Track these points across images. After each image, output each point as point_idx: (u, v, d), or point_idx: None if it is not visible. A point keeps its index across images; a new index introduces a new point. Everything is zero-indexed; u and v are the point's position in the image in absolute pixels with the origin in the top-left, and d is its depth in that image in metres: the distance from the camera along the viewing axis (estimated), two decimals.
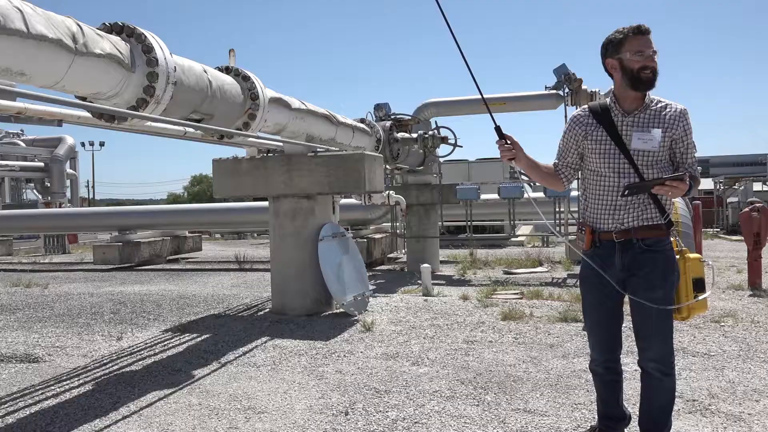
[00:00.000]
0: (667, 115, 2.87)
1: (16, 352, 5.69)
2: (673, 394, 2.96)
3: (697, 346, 5.27)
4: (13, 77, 3.69)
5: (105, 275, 12.78)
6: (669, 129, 2.86)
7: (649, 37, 2.86)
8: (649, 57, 2.83)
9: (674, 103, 2.92)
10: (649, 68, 2.83)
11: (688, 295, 2.88)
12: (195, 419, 3.83)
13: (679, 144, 2.87)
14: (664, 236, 2.89)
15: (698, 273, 2.91)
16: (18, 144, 28.20)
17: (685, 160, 2.89)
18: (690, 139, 2.89)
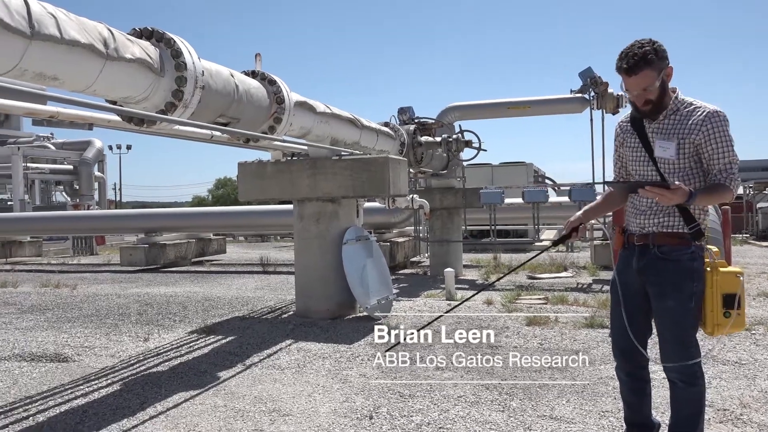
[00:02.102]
0: (692, 120, 2.78)
1: (46, 352, 5.79)
2: (699, 405, 2.89)
3: (728, 355, 5.17)
4: (47, 82, 3.76)
5: (131, 277, 12.95)
6: (691, 134, 2.76)
7: (635, 78, 2.74)
8: (638, 96, 2.79)
9: (704, 107, 2.79)
10: (643, 106, 2.81)
11: (714, 311, 2.78)
12: (220, 421, 3.86)
13: (702, 150, 2.77)
14: (683, 245, 2.81)
15: (730, 289, 2.77)
16: (48, 147, 28.81)
17: (713, 167, 2.76)
18: (716, 144, 2.73)
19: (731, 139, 2.75)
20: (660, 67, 2.75)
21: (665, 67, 2.77)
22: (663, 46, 2.78)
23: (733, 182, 2.74)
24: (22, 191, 24.89)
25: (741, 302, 2.78)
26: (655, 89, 2.76)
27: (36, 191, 30.86)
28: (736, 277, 2.79)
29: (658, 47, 2.75)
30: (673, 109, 2.83)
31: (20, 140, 28.73)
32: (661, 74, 2.76)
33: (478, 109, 13.19)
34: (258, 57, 6.29)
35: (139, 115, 4.51)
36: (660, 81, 2.76)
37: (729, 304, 2.77)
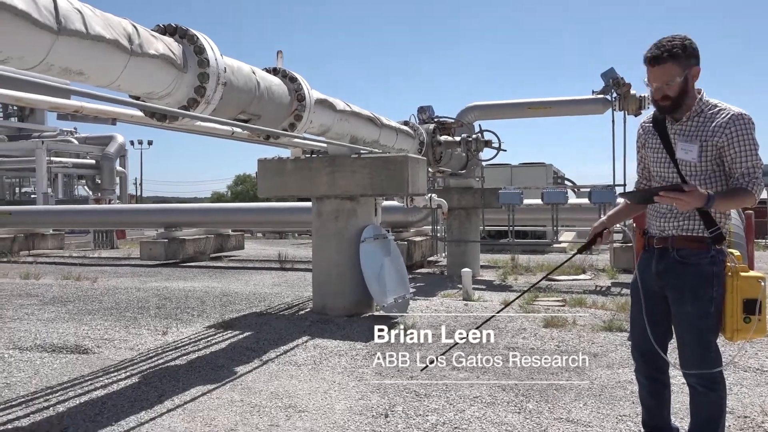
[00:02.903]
0: (715, 123, 2.73)
1: (66, 343, 5.87)
2: (719, 410, 2.86)
3: (749, 361, 5.09)
4: (72, 77, 3.81)
5: (151, 271, 13.09)
6: (713, 137, 2.72)
7: (657, 69, 2.72)
8: (657, 89, 2.76)
9: (729, 109, 2.74)
10: (660, 100, 2.78)
11: (734, 316, 2.73)
12: (237, 415, 3.89)
13: (725, 153, 2.72)
14: (702, 249, 2.77)
15: (751, 294, 2.71)
16: (71, 141, 29.20)
17: (735, 171, 2.71)
18: (739, 147, 2.68)
19: (755, 143, 2.70)
20: (686, 64, 2.70)
21: (692, 66, 2.72)
22: (695, 44, 2.73)
23: (755, 186, 2.69)
24: (45, 185, 25.28)
25: (762, 308, 2.71)
26: (676, 85, 2.72)
27: (59, 185, 31.27)
28: (757, 282, 2.72)
29: (689, 44, 2.70)
30: (697, 111, 2.78)
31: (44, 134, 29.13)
32: (686, 72, 2.71)
33: (499, 109, 13.14)
34: (279, 54, 6.31)
35: (162, 110, 4.55)
36: (683, 78, 2.72)
37: (750, 309, 2.71)
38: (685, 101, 2.78)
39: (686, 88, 2.75)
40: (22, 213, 17.99)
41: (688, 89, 2.76)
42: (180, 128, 6.33)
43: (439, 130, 10.43)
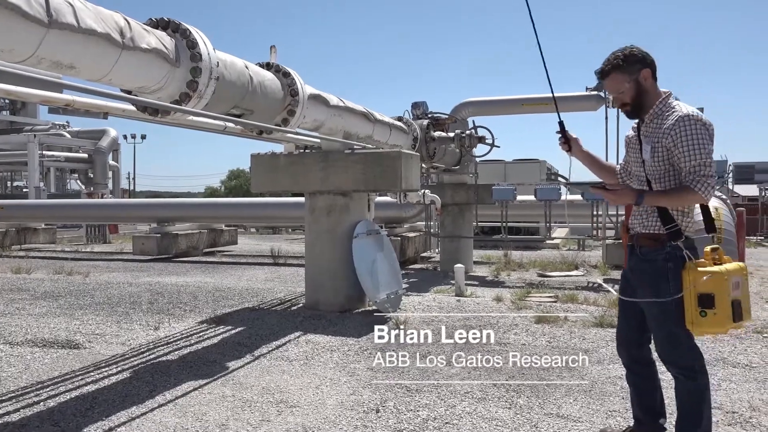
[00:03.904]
0: (665, 124, 2.86)
1: (58, 338, 5.85)
2: (698, 400, 2.93)
3: (738, 357, 5.13)
4: (63, 70, 3.79)
5: (143, 266, 13.05)
6: (663, 138, 2.86)
7: (607, 82, 3.01)
8: (615, 99, 3.03)
9: (679, 109, 2.87)
10: (621, 107, 3.03)
11: (690, 310, 2.79)
12: (228, 410, 3.89)
13: (672, 153, 2.84)
14: (659, 246, 2.90)
15: (705, 288, 2.76)
16: (63, 135, 29.08)
17: (681, 170, 2.82)
18: (683, 147, 2.79)
19: (701, 142, 2.77)
20: (631, 70, 2.92)
21: (639, 71, 2.92)
22: (638, 52, 2.94)
23: (698, 185, 2.76)
24: (37, 178, 25.17)
25: (720, 302, 2.74)
26: (627, 91, 2.94)
27: (51, 179, 31.15)
28: (712, 277, 2.76)
29: (630, 53, 2.93)
30: (655, 113, 2.94)
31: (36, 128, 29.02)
32: (634, 77, 2.92)
33: (493, 105, 13.14)
34: (273, 49, 6.30)
35: (154, 105, 4.54)
36: (633, 83, 2.93)
37: (705, 303, 2.76)
38: (645, 103, 2.95)
39: (640, 91, 2.94)
40: (13, 207, 17.91)
41: (642, 92, 2.94)
42: (172, 123, 6.30)
43: (432, 126, 10.43)
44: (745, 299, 2.82)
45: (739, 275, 2.82)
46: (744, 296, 2.82)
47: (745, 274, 2.87)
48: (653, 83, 2.96)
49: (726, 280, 2.75)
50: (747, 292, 2.85)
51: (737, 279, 2.80)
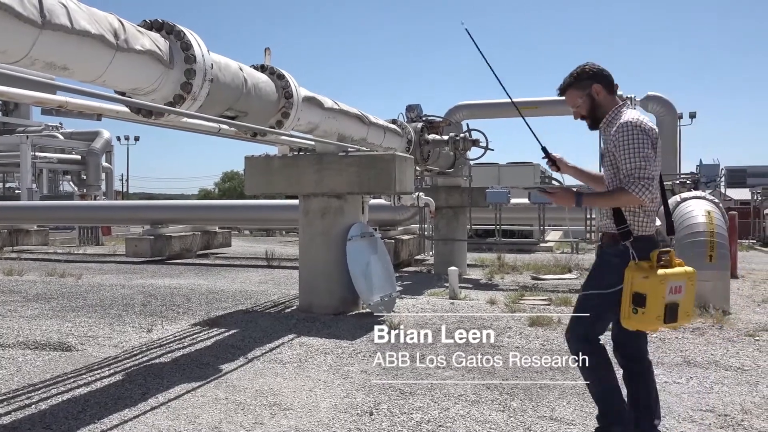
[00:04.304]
0: (611, 132, 3.12)
1: (50, 340, 5.82)
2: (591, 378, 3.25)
3: (730, 360, 5.15)
4: (57, 71, 3.78)
5: (136, 268, 13.00)
6: (609, 145, 3.12)
7: (565, 97, 3.32)
8: (574, 113, 3.31)
9: (624, 116, 3.10)
10: (581, 119, 3.31)
11: (625, 305, 2.98)
12: (221, 413, 3.88)
13: (615, 157, 3.07)
14: (614, 243, 3.12)
15: (641, 288, 2.92)
16: (56, 137, 28.93)
17: (621, 173, 3.04)
18: (621, 152, 3.01)
19: (637, 148, 2.98)
20: (584, 86, 3.22)
21: (591, 86, 3.20)
22: (589, 68, 3.22)
23: (633, 187, 2.95)
24: (29, 180, 25.01)
25: (650, 302, 2.90)
26: (582, 105, 3.24)
27: (44, 180, 30.98)
28: (647, 278, 2.93)
29: (582, 70, 3.23)
30: (608, 122, 3.20)
31: (29, 129, 28.88)
32: (586, 92, 3.21)
33: (486, 109, 13.21)
34: (267, 51, 6.30)
35: (148, 106, 4.52)
36: (587, 97, 3.22)
37: (637, 302, 2.93)
38: (599, 115, 3.24)
39: (593, 104, 3.23)
40: (5, 208, 17.83)
41: (595, 105, 3.22)
42: (166, 124, 6.29)
43: (427, 128, 10.44)
44: (685, 303, 2.98)
45: (682, 280, 2.97)
46: (686, 300, 2.98)
47: (692, 280, 3.01)
48: (606, 95, 3.21)
49: (662, 283, 2.91)
50: (691, 297, 3.01)
51: (677, 284, 2.95)
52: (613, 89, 3.27)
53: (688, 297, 2.99)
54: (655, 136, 3.07)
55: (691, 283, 3.01)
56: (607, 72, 3.25)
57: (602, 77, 3.22)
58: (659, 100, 12.21)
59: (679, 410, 3.93)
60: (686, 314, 3.01)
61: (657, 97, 12.23)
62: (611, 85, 3.25)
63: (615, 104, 3.21)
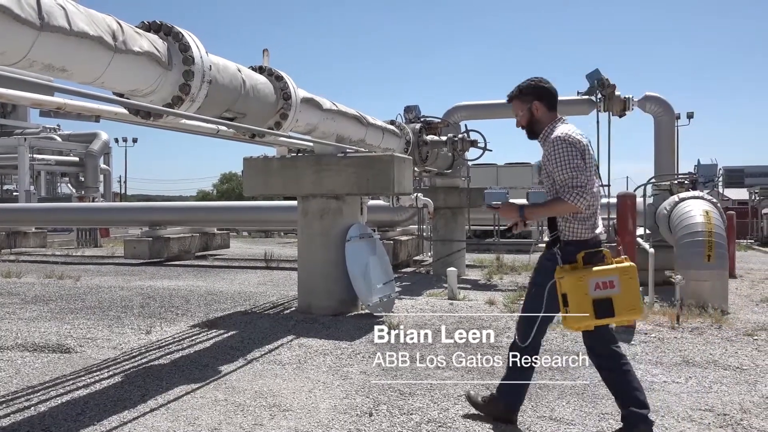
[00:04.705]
0: (545, 146, 3.42)
1: (48, 342, 5.82)
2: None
3: (729, 360, 5.16)
4: (55, 73, 3.77)
5: (135, 269, 12.99)
6: (544, 158, 3.40)
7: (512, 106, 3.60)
8: (517, 121, 3.61)
9: (555, 132, 3.38)
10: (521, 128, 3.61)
11: (561, 309, 3.21)
12: (221, 414, 3.88)
13: (550, 171, 3.34)
14: (549, 248, 3.41)
15: (563, 289, 3.17)
16: (54, 139, 28.88)
17: (556, 184, 3.32)
18: (553, 165, 3.29)
19: (567, 160, 3.25)
20: (525, 100, 3.51)
21: (531, 102, 3.48)
22: (535, 84, 3.50)
23: (568, 195, 3.21)
24: (27, 182, 24.97)
25: (573, 301, 3.11)
26: (522, 117, 3.55)
27: (42, 182, 30.90)
28: (564, 279, 3.17)
29: (526, 85, 3.51)
30: (544, 137, 3.46)
31: (27, 131, 28.81)
32: (527, 107, 3.50)
33: (485, 109, 13.18)
34: (266, 53, 6.29)
35: (146, 108, 4.52)
36: (527, 112, 3.51)
37: (564, 302, 3.17)
38: (536, 129, 3.52)
39: (531, 119, 3.52)
40: (3, 211, 17.79)
41: (533, 120, 3.51)
42: (165, 126, 6.29)
43: (425, 129, 10.44)
44: (624, 297, 3.11)
45: (611, 275, 3.13)
46: (624, 294, 3.11)
47: (628, 274, 3.15)
48: (546, 112, 3.48)
49: (580, 281, 3.12)
50: (631, 290, 3.14)
51: (605, 279, 3.11)
52: (554, 106, 3.52)
53: (628, 291, 3.12)
54: (582, 148, 3.31)
55: (628, 277, 3.13)
56: (550, 90, 3.51)
57: (544, 95, 3.49)
58: (657, 101, 12.21)
59: (678, 410, 3.94)
60: (630, 308, 3.13)
61: (655, 98, 12.23)
62: (553, 102, 3.51)
63: (551, 119, 3.47)
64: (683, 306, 6.87)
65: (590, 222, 3.36)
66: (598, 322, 3.17)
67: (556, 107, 3.54)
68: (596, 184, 3.43)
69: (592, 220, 3.37)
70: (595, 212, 3.41)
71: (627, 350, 5.41)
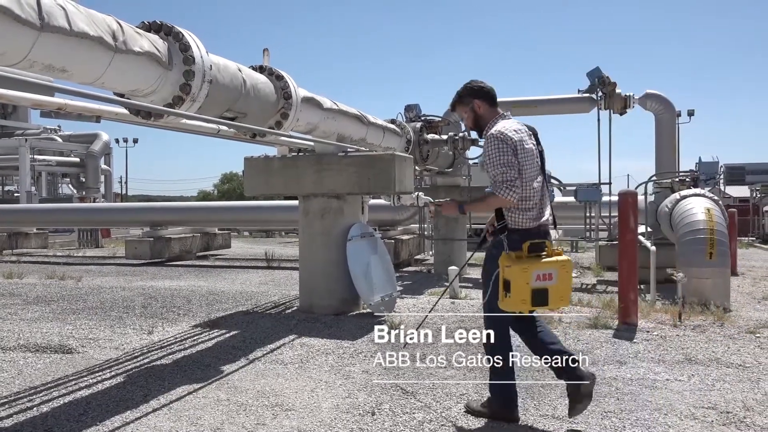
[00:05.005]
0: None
1: (50, 343, 5.82)
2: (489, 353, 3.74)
3: (732, 357, 5.15)
4: (55, 74, 3.77)
5: (136, 270, 13.00)
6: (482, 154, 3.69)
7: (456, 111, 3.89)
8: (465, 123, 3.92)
9: (491, 129, 3.60)
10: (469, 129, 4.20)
11: (500, 290, 3.45)
12: (223, 414, 3.87)
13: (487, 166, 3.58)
14: (495, 236, 3.63)
15: (506, 276, 3.41)
16: (55, 139, 28.90)
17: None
18: (487, 160, 3.54)
19: (497, 156, 3.47)
20: (466, 101, 3.75)
21: (471, 102, 3.73)
22: (471, 86, 3.75)
23: (499, 190, 3.46)
24: (28, 183, 24.98)
25: (513, 287, 3.37)
26: (467, 119, 3.79)
27: (42, 183, 30.92)
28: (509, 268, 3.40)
29: (464, 88, 3.76)
30: (485, 134, 3.65)
31: (28, 132, 28.80)
32: (469, 106, 3.74)
33: None
34: (266, 52, 6.29)
35: (147, 108, 4.52)
36: (469, 111, 3.75)
37: (506, 287, 3.40)
38: (483, 126, 3.73)
39: (476, 117, 3.75)
40: (5, 212, 17.80)
41: (477, 117, 3.75)
42: (165, 126, 6.29)
43: (426, 128, 10.43)
44: (558, 288, 3.42)
45: (551, 268, 3.41)
46: (558, 286, 3.41)
47: (565, 268, 3.44)
48: (488, 108, 3.71)
49: (524, 271, 3.37)
50: (565, 282, 3.46)
51: (545, 272, 3.39)
52: (493, 103, 3.73)
53: (562, 283, 3.44)
54: (514, 144, 3.48)
55: (565, 270, 3.45)
56: (488, 88, 3.74)
57: (482, 94, 3.73)
58: (658, 98, 12.17)
59: (681, 408, 3.93)
60: (560, 298, 3.48)
61: (655, 95, 12.19)
62: (492, 99, 3.74)
63: (495, 115, 3.69)
64: (685, 304, 6.86)
65: (533, 212, 3.56)
66: (533, 309, 3.48)
67: (496, 104, 3.76)
68: (537, 177, 3.60)
69: (534, 211, 3.57)
70: (538, 204, 3.60)
71: (629, 348, 5.42)
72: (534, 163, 3.58)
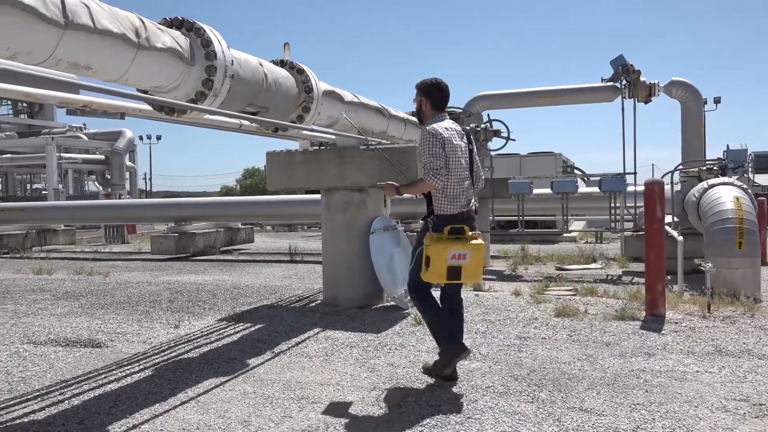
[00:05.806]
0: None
1: (80, 337, 5.91)
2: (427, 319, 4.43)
3: (764, 349, 5.05)
4: (80, 71, 3.80)
5: (162, 265, 13.16)
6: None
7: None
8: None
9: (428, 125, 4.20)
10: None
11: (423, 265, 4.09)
12: (250, 407, 3.90)
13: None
14: (427, 219, 4.24)
15: (427, 252, 4.02)
16: (81, 137, 29.35)
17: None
18: (420, 149, 4.14)
19: (427, 147, 4.06)
20: (418, 94, 4.37)
21: (418, 97, 4.37)
22: (427, 84, 4.33)
23: (426, 176, 4.04)
24: (56, 181, 25.42)
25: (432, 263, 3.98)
26: (416, 106, 4.43)
27: (69, 181, 31.43)
28: (429, 246, 4.03)
29: (421, 83, 4.37)
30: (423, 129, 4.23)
31: (54, 131, 29.30)
32: (419, 100, 4.37)
33: (507, 98, 13.06)
34: (287, 46, 6.29)
35: (170, 104, 4.55)
36: (417, 104, 4.40)
37: (426, 263, 4.03)
38: (422, 119, 4.40)
39: (418, 111, 4.44)
40: (33, 209, 18.11)
41: (419, 111, 4.43)
42: (188, 122, 6.33)
43: None
44: (471, 267, 4.00)
45: (466, 249, 3.98)
46: (472, 264, 4.00)
47: (478, 250, 4.01)
48: (430, 109, 4.32)
49: (443, 250, 3.96)
50: (478, 262, 4.04)
51: (460, 252, 3.96)
52: (439, 106, 4.31)
53: (475, 262, 4.02)
54: (443, 139, 4.06)
55: (477, 252, 4.01)
56: (438, 92, 4.31)
57: (430, 95, 4.31)
58: (683, 86, 11.93)
59: (712, 400, 3.87)
60: (473, 275, 4.10)
61: (681, 83, 11.95)
62: (437, 102, 4.31)
63: (434, 116, 4.27)
64: (714, 294, 6.74)
65: (457, 201, 4.12)
66: (448, 282, 4.09)
67: (441, 106, 4.34)
68: (464, 171, 4.16)
69: (458, 199, 4.12)
70: (462, 193, 4.14)
71: (657, 340, 5.34)
72: (460, 157, 4.14)
